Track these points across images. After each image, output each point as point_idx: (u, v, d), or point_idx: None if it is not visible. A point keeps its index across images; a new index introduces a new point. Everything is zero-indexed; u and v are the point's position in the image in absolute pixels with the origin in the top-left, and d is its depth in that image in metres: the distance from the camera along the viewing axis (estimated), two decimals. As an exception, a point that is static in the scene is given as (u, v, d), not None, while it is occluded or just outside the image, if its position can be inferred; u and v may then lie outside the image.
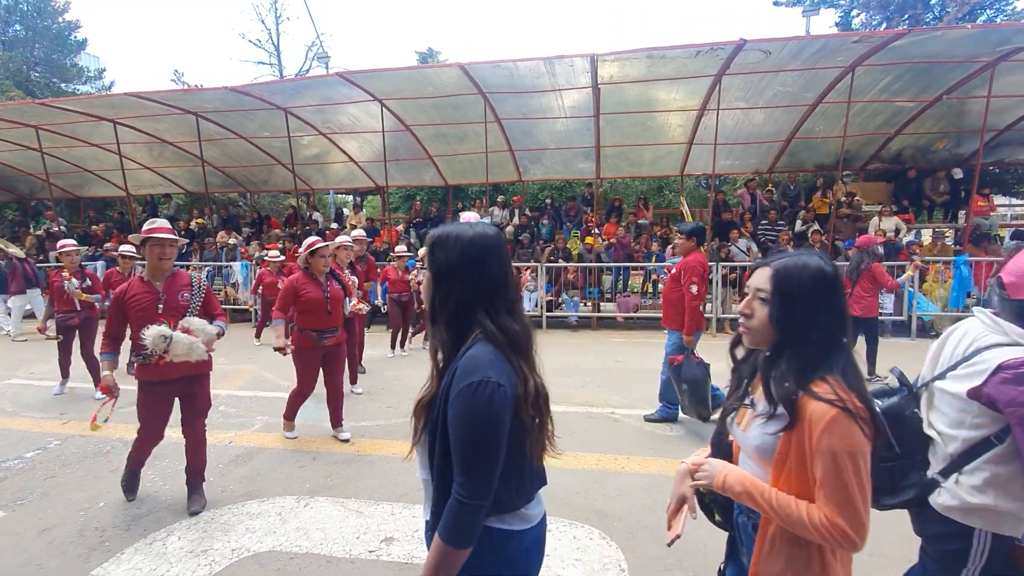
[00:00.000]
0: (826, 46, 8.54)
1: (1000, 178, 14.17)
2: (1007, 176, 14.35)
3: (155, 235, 3.23)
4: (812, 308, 1.22)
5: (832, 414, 1.13)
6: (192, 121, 11.37)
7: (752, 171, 13.07)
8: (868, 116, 10.60)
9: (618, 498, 3.43)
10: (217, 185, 15.18)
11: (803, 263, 1.24)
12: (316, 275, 4.42)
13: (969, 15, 15.06)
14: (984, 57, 8.59)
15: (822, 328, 1.22)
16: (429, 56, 26.07)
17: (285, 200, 19.26)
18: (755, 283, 1.30)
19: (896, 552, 2.50)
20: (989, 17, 15.43)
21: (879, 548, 2.50)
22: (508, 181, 14.53)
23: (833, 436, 1.13)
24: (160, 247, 3.25)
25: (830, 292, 1.23)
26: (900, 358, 7.27)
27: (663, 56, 8.75)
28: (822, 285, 1.22)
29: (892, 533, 2.20)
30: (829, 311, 1.23)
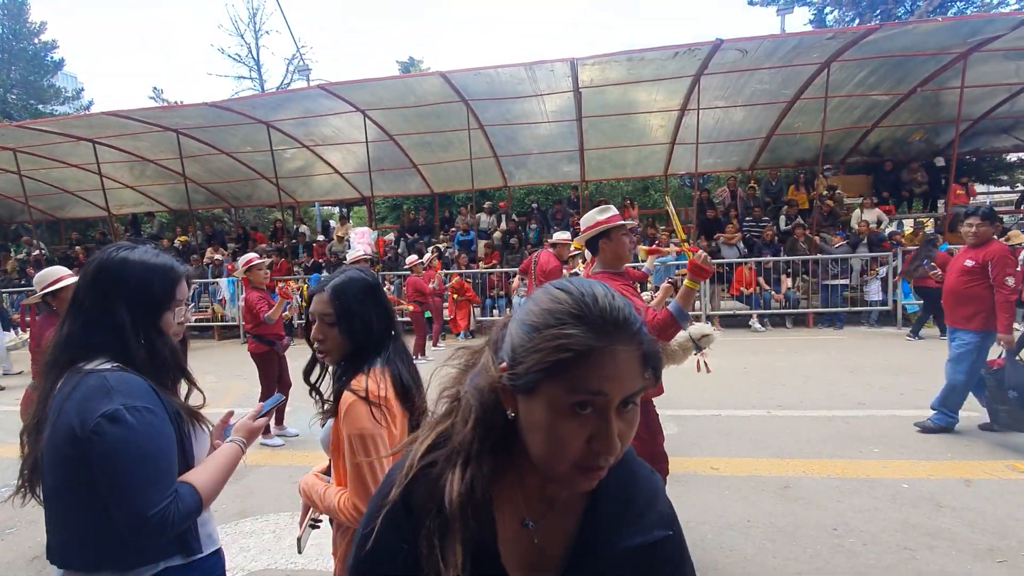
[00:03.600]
0: (801, 43, 8.69)
1: (977, 166, 14.43)
2: (984, 164, 14.61)
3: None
4: (367, 314, 1.41)
5: (350, 401, 1.29)
6: (173, 138, 11.30)
7: (734, 168, 13.21)
8: (845, 111, 10.77)
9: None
10: (200, 202, 15.07)
11: (350, 279, 1.44)
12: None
13: (940, 8, 15.37)
14: (956, 48, 8.78)
15: (375, 329, 1.42)
16: (411, 65, 26.09)
17: (270, 214, 19.14)
18: (317, 309, 1.43)
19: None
20: (960, 9, 15.75)
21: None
22: (494, 187, 14.56)
23: (348, 421, 1.28)
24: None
25: (376, 297, 1.45)
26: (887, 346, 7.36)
27: (642, 58, 8.85)
28: (369, 293, 1.44)
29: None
30: (378, 314, 1.43)
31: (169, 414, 1.17)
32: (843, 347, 7.63)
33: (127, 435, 1.07)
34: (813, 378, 5.96)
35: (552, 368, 0.63)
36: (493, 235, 12.38)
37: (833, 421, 4.54)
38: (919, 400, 4.96)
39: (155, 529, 1.08)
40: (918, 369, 6.11)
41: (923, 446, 3.95)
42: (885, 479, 3.46)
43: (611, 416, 0.64)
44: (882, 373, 6.02)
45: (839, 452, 3.90)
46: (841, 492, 3.31)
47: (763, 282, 9.48)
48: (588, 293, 0.66)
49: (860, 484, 3.41)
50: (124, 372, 1.16)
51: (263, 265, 4.81)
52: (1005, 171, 15.44)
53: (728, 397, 5.27)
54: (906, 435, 4.17)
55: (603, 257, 2.63)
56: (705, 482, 3.56)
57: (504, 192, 14.51)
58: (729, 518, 3.08)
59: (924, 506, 3.08)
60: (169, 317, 1.27)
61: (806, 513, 3.10)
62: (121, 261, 1.22)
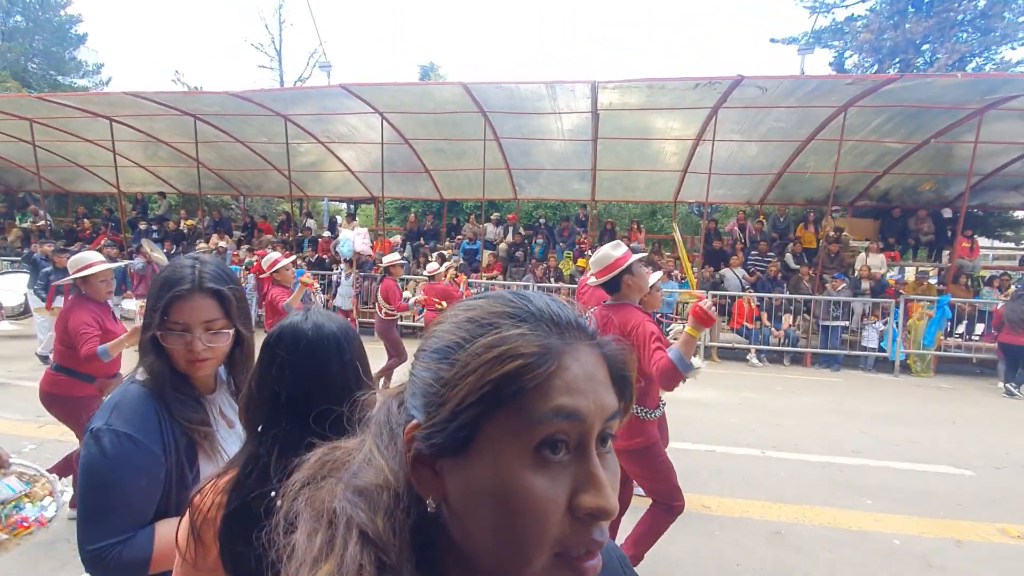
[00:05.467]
0: (820, 86, 8.77)
1: (984, 221, 14.50)
2: (990, 219, 14.69)
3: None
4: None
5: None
6: (190, 122, 11.34)
7: (744, 201, 13.27)
8: (858, 155, 10.84)
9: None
10: (211, 187, 15.09)
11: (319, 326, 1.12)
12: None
13: (959, 62, 15.51)
14: (972, 104, 8.85)
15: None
16: (431, 70, 26.27)
17: (278, 205, 19.17)
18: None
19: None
20: (978, 64, 15.89)
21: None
22: (504, 198, 14.62)
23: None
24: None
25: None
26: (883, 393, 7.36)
27: (662, 86, 8.91)
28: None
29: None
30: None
31: (165, 446, 1.10)
32: (840, 390, 7.63)
33: (96, 458, 1.04)
34: (809, 420, 5.95)
35: (495, 392, 0.42)
36: (499, 246, 12.41)
37: (827, 468, 4.53)
38: (914, 453, 4.98)
39: (89, 565, 1.03)
40: (914, 420, 6.12)
41: (915, 501, 3.93)
42: (876, 532, 3.45)
43: (593, 454, 0.44)
44: (878, 421, 6.01)
45: (832, 500, 3.89)
46: (832, 543, 3.30)
47: (765, 318, 9.50)
48: (516, 293, 0.49)
49: (851, 536, 3.39)
50: (144, 388, 1.14)
51: (289, 265, 4.81)
52: (1011, 227, 15.53)
53: (723, 433, 5.26)
54: (899, 488, 4.15)
55: (626, 293, 2.60)
56: (696, 520, 3.54)
57: (513, 204, 14.56)
58: (719, 561, 3.07)
59: (915, 565, 3.07)
60: (171, 339, 1.14)
61: (796, 562, 3.09)
62: (157, 273, 1.21)
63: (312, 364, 0.95)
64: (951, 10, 15.28)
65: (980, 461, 4.80)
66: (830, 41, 17.64)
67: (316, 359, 0.96)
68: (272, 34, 24.59)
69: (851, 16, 17.47)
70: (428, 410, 0.46)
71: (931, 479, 4.37)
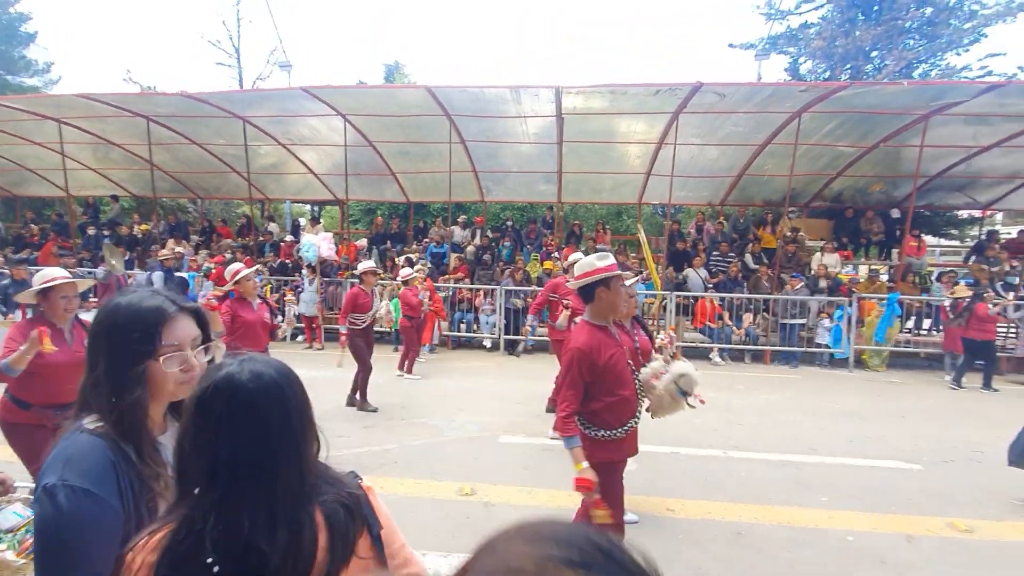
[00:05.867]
0: (776, 93, 9.06)
1: (930, 220, 15.23)
2: (936, 219, 15.44)
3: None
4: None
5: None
6: (143, 124, 10.91)
7: (705, 203, 13.57)
8: (812, 158, 11.22)
9: (570, 538, 3.42)
10: (166, 190, 14.56)
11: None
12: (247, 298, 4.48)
13: (906, 68, 16.22)
14: (919, 110, 9.26)
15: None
16: (395, 70, 25.98)
17: (238, 208, 18.63)
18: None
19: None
20: (924, 71, 16.65)
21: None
22: (471, 201, 14.56)
23: None
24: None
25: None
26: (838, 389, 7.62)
27: (625, 92, 9.04)
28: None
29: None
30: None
31: (124, 500, 1.05)
32: (797, 387, 7.87)
33: (52, 516, 0.98)
34: (768, 418, 6.12)
35: None
36: (466, 249, 12.36)
37: (785, 466, 4.66)
38: (867, 448, 5.17)
39: None
40: (867, 415, 6.37)
41: (868, 497, 4.08)
42: (832, 530, 3.57)
43: None
44: (833, 418, 6.23)
45: (790, 499, 4.00)
46: (790, 542, 3.40)
47: (727, 317, 9.73)
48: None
49: (808, 534, 3.50)
50: (96, 437, 1.07)
51: (251, 276, 4.60)
52: (956, 226, 16.36)
53: (687, 435, 5.35)
54: (853, 485, 4.31)
55: (598, 307, 2.53)
56: (660, 524, 3.60)
57: (480, 207, 14.52)
58: (682, 565, 3.12)
59: (868, 561, 3.19)
60: (157, 367, 1.12)
61: (756, 562, 3.16)
62: (112, 308, 1.14)
63: (252, 419, 0.88)
64: (899, 18, 15.97)
65: (929, 455, 5.02)
66: (785, 47, 18.21)
67: (257, 413, 0.89)
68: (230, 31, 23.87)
69: (805, 23, 18.07)
70: None
71: (883, 474, 4.55)
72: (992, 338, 8.07)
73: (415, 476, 4.30)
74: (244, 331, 4.30)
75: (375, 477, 4.12)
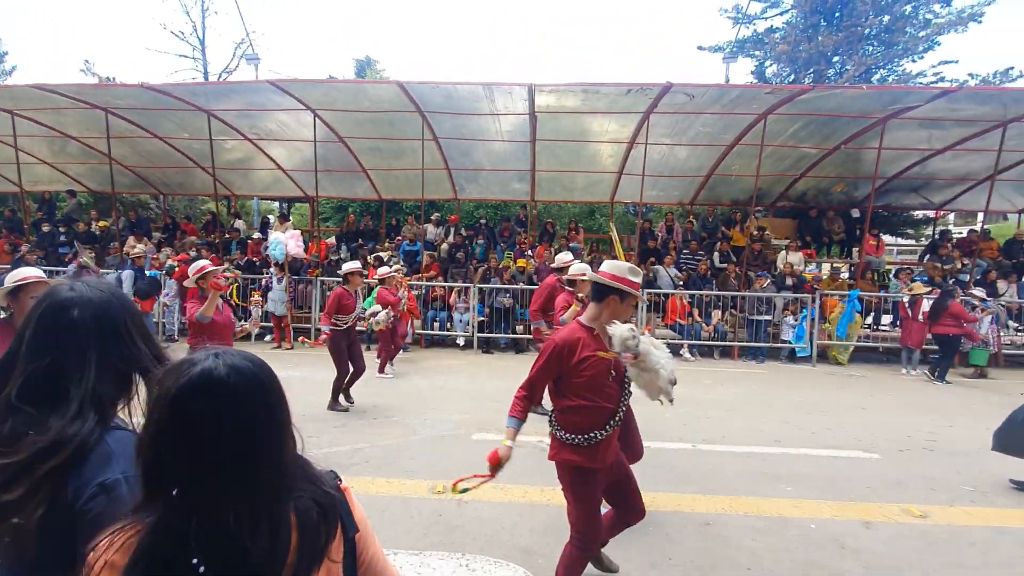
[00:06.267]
0: (743, 95, 9.28)
1: (888, 220, 15.84)
2: (894, 219, 16.06)
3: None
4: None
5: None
6: (101, 116, 10.49)
7: (676, 202, 13.82)
8: (778, 159, 11.53)
9: (544, 532, 3.45)
10: (126, 185, 14.07)
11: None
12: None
13: (865, 73, 16.82)
14: (877, 113, 9.61)
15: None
16: (367, 65, 25.63)
17: (203, 205, 18.14)
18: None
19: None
20: (882, 76, 17.30)
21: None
22: (444, 199, 14.49)
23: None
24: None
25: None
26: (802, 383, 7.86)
27: (597, 91, 9.13)
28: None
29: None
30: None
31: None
32: (764, 381, 8.09)
33: (126, 506, 0.93)
34: (735, 412, 6.28)
35: None
36: (440, 247, 12.30)
37: (751, 458, 4.79)
38: (828, 439, 5.36)
39: None
40: (828, 408, 6.59)
41: (829, 486, 4.23)
42: (796, 518, 3.68)
43: None
44: (797, 410, 6.43)
45: (756, 490, 4.11)
46: (756, 531, 3.49)
47: (697, 314, 9.93)
48: None
49: (773, 523, 3.60)
50: (129, 432, 1.09)
51: (217, 272, 4.47)
52: (911, 226, 17.05)
53: (658, 429, 5.43)
54: (815, 474, 4.45)
55: (605, 311, 2.49)
56: (632, 517, 3.65)
57: (454, 204, 14.47)
58: (652, 556, 3.18)
59: (829, 547, 3.30)
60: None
61: (724, 552, 3.24)
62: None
63: (234, 416, 0.85)
64: (858, 25, 16.54)
65: (886, 444, 5.23)
66: (752, 51, 18.66)
67: (238, 410, 0.85)
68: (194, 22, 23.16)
69: (770, 28, 18.56)
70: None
71: (843, 464, 4.72)
72: (960, 333, 8.44)
73: (387, 475, 4.26)
74: (210, 331, 4.19)
75: (346, 477, 4.07)
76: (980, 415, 6.42)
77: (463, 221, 14.39)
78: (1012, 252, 11.65)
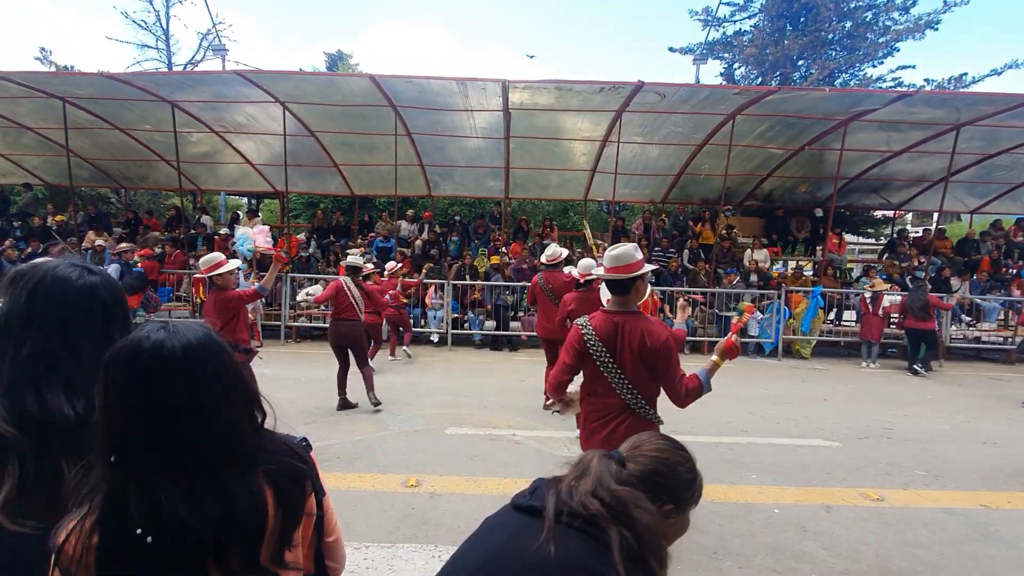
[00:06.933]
0: (712, 95, 9.47)
1: (850, 219, 16.39)
2: (855, 218, 16.63)
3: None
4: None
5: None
6: (58, 106, 10.07)
7: (648, 200, 14.01)
8: (746, 159, 11.81)
9: (515, 523, 3.48)
10: (85, 179, 13.56)
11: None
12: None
13: (828, 77, 17.38)
14: (839, 115, 9.93)
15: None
16: (339, 59, 25.23)
17: (168, 200, 17.62)
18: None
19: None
20: (844, 80, 17.90)
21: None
22: (418, 195, 14.40)
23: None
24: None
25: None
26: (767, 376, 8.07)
27: (570, 89, 9.20)
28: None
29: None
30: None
31: None
32: (731, 374, 8.25)
33: None
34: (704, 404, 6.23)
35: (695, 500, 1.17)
36: (414, 244, 12.21)
37: (719, 447, 4.92)
38: (792, 429, 5.54)
39: None
40: (792, 399, 6.81)
41: (792, 473, 4.37)
42: (760, 504, 3.80)
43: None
44: (763, 402, 6.62)
45: (722, 477, 4.22)
46: (722, 516, 3.59)
47: (668, 310, 10.11)
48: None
49: (738, 509, 3.71)
50: None
51: (235, 270, 4.52)
52: (871, 225, 17.69)
53: (629, 421, 5.54)
54: (779, 462, 4.60)
55: (633, 297, 2.54)
56: (603, 506, 3.71)
57: (428, 201, 14.38)
58: (623, 542, 3.23)
59: (791, 531, 3.42)
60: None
61: (690, 538, 3.30)
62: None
63: (169, 384, 0.84)
64: (822, 30, 17.07)
65: (846, 433, 5.43)
66: (721, 53, 19.06)
67: (174, 377, 0.84)
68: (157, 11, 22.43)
69: (739, 31, 18.98)
70: (675, 499, 1.12)
71: (806, 452, 4.88)
72: (933, 327, 8.86)
73: (359, 470, 4.23)
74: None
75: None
76: (933, 405, 6.73)
77: (437, 218, 14.32)
78: (964, 251, 12.21)
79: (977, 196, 13.08)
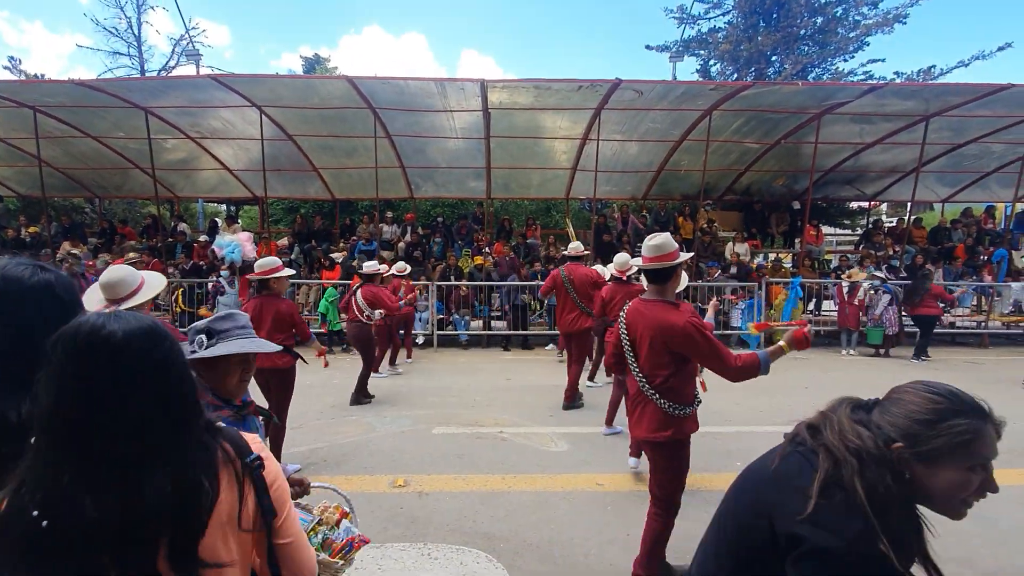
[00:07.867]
0: (688, 91, 9.59)
1: (826, 211, 16.69)
2: (831, 210, 16.94)
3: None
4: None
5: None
6: (29, 115, 9.87)
7: (629, 197, 14.14)
8: (723, 154, 11.98)
9: (505, 518, 3.50)
10: (57, 189, 13.28)
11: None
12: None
13: (801, 71, 17.68)
14: (813, 109, 10.12)
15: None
16: (316, 63, 25.03)
17: (143, 208, 17.31)
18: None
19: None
20: (817, 75, 18.23)
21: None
22: (399, 198, 14.35)
23: None
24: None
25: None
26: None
27: (548, 88, 9.24)
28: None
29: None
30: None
31: None
32: (716, 367, 8.39)
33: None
34: (689, 396, 6.49)
35: (959, 450, 1.03)
36: (397, 246, 12.16)
37: (705, 437, 4.94)
38: (775, 417, 5.64)
39: None
40: (775, 389, 6.90)
41: (776, 459, 4.45)
42: (744, 490, 3.86)
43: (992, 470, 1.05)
44: (746, 392, 6.64)
45: (708, 466, 4.29)
46: (708, 503, 3.63)
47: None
48: (945, 393, 1.08)
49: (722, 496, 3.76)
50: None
51: (284, 278, 4.43)
52: (847, 217, 18.02)
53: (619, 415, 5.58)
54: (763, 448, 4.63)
55: (672, 286, 2.64)
56: (590, 498, 3.76)
57: (410, 203, 14.34)
58: (610, 533, 3.28)
59: (774, 514, 3.48)
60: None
61: (678, 525, 3.36)
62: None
63: (111, 370, 0.83)
64: (794, 26, 17.36)
65: (826, 419, 5.53)
66: (697, 50, 19.28)
67: (116, 363, 0.84)
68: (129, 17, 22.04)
69: (713, 28, 19.22)
70: (908, 440, 1.07)
71: (788, 438, 4.97)
72: (938, 313, 9.07)
73: (347, 472, 4.22)
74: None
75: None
76: (911, 389, 6.88)
77: (420, 220, 14.28)
78: (938, 239, 12.51)
79: (948, 185, 13.42)
